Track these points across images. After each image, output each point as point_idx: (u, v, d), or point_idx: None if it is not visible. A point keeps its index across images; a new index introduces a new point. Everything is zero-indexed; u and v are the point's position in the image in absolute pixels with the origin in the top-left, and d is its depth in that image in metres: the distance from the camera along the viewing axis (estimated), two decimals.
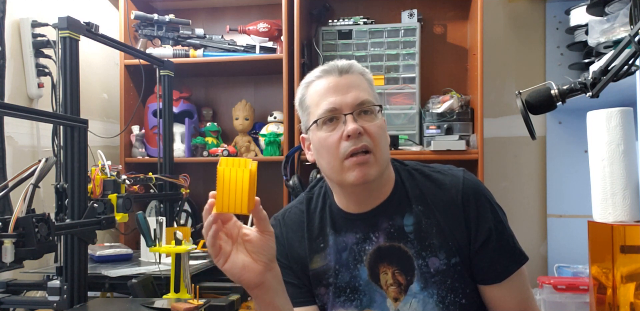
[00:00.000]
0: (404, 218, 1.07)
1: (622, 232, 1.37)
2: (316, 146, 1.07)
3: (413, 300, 1.05)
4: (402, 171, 1.13)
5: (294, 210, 1.18)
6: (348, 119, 1.01)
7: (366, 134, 1.01)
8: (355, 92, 1.03)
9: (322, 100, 1.04)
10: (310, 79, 1.09)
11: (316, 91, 1.06)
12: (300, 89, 1.11)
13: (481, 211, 1.05)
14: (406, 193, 1.09)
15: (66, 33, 1.46)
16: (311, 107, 1.07)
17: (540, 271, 2.33)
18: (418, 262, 1.05)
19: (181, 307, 1.23)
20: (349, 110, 1.02)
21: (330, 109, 1.03)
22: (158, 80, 2.09)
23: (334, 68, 1.06)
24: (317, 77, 1.08)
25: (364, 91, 1.05)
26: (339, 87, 1.04)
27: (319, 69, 1.09)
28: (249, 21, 2.44)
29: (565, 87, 1.01)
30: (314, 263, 1.12)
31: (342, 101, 1.02)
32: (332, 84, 1.04)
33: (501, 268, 1.05)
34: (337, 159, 1.02)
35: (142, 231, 1.48)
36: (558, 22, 2.38)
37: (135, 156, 2.37)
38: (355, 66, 1.08)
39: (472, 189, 1.07)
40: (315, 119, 1.05)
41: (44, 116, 1.33)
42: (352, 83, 1.04)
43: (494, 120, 2.42)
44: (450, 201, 1.06)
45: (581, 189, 2.21)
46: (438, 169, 1.13)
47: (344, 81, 1.04)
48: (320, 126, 1.04)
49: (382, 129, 1.05)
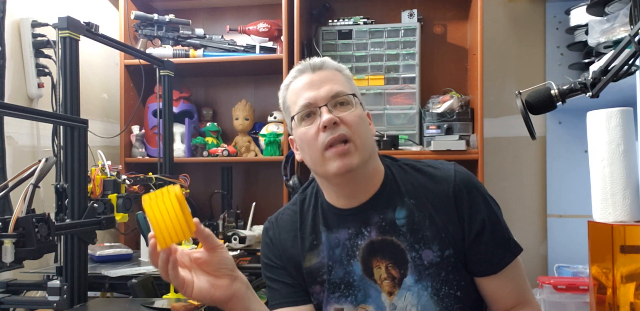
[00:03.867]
0: (396, 212, 1.08)
1: (622, 232, 1.37)
2: (299, 143, 1.09)
3: (407, 293, 1.06)
4: (392, 166, 1.14)
5: (287, 211, 1.20)
6: (323, 111, 1.03)
7: (343, 123, 1.03)
8: (329, 86, 1.05)
9: (298, 97, 1.07)
10: (288, 81, 1.12)
11: (293, 90, 1.09)
12: (280, 92, 1.14)
13: (474, 203, 1.06)
14: (397, 186, 1.10)
15: (66, 33, 1.46)
16: (291, 107, 1.09)
17: (540, 271, 2.33)
18: (411, 255, 1.06)
19: (181, 307, 1.23)
20: (323, 102, 1.04)
21: (306, 105, 1.05)
22: (158, 80, 2.09)
23: (307, 66, 1.09)
24: (293, 77, 1.11)
25: (338, 84, 1.07)
26: (313, 83, 1.06)
27: (294, 69, 1.12)
28: (249, 21, 2.44)
29: (565, 87, 1.01)
30: (307, 261, 1.12)
31: (317, 95, 1.05)
32: (307, 81, 1.07)
33: (496, 259, 1.05)
34: (317, 151, 1.03)
35: (142, 231, 1.48)
36: (558, 22, 2.38)
37: (135, 156, 2.37)
38: (328, 62, 1.10)
39: (464, 182, 1.07)
40: (293, 117, 1.07)
41: (44, 116, 1.33)
42: (325, 78, 1.07)
43: (494, 120, 2.42)
44: (442, 193, 1.07)
45: (581, 189, 2.21)
46: (429, 163, 1.14)
47: (317, 77, 1.07)
48: (299, 122, 1.06)
49: (360, 118, 1.06)
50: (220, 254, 0.88)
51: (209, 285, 0.87)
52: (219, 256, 0.88)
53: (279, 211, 1.22)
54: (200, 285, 0.86)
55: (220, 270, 0.87)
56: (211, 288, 0.87)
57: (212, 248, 0.87)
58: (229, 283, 0.88)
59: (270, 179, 2.47)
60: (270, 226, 1.19)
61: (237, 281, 0.90)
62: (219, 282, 0.87)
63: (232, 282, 0.89)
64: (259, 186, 2.57)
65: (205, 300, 0.87)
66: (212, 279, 0.87)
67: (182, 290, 0.86)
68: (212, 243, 0.87)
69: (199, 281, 0.87)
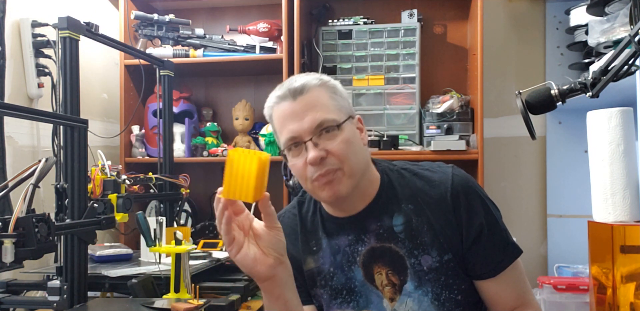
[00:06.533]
0: (393, 218, 1.08)
1: (622, 232, 1.37)
2: (290, 168, 1.09)
3: (408, 300, 1.06)
4: (390, 171, 1.13)
5: (287, 214, 1.20)
6: (309, 147, 1.01)
7: (330, 155, 1.01)
8: (311, 115, 1.01)
9: (282, 128, 1.04)
10: (271, 102, 1.08)
11: (277, 118, 1.06)
12: (266, 110, 1.10)
13: (471, 206, 1.05)
14: (395, 193, 1.09)
15: (66, 33, 1.46)
16: (277, 133, 1.08)
17: (540, 271, 2.33)
18: (410, 261, 1.06)
19: (181, 307, 1.23)
20: (308, 136, 1.01)
21: (290, 138, 1.03)
22: (158, 80, 2.09)
23: (286, 93, 1.04)
24: (274, 103, 1.06)
25: (322, 110, 1.02)
26: (296, 113, 1.02)
27: (275, 95, 1.06)
28: (249, 21, 2.44)
29: (565, 87, 1.01)
30: (307, 264, 1.13)
31: (300, 128, 1.01)
32: (288, 112, 1.03)
33: (495, 262, 1.05)
34: (307, 181, 1.04)
35: (142, 231, 1.48)
36: (558, 22, 2.38)
37: (135, 156, 2.37)
38: (308, 84, 1.03)
39: (461, 185, 1.07)
40: (282, 148, 1.07)
41: (44, 116, 1.33)
42: (307, 105, 1.02)
43: (494, 120, 2.42)
44: (439, 197, 1.06)
45: (581, 189, 2.20)
46: (427, 166, 1.13)
47: (298, 106, 1.02)
48: (288, 153, 1.06)
49: (348, 142, 1.02)
50: (276, 236, 0.89)
51: (254, 257, 0.88)
52: (274, 237, 0.89)
53: (279, 214, 1.21)
54: (248, 252, 0.88)
55: (271, 249, 0.89)
56: (255, 261, 0.88)
57: (270, 226, 0.89)
58: (273, 264, 0.89)
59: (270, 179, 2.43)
60: None
61: (282, 265, 0.91)
62: (265, 259, 0.88)
63: (277, 265, 0.89)
64: None
65: (246, 268, 0.89)
66: (260, 253, 0.88)
67: (228, 247, 0.87)
68: (271, 222, 0.89)
69: (248, 248, 0.88)
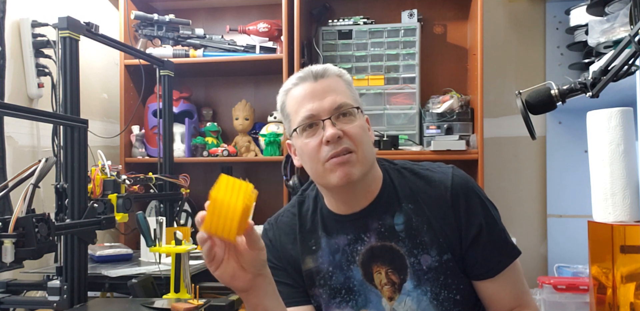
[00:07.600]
0: (394, 217, 1.08)
1: (622, 232, 1.37)
2: (299, 152, 1.08)
3: (407, 298, 1.06)
4: (391, 170, 1.13)
5: (286, 213, 1.20)
6: (326, 125, 1.02)
7: (346, 136, 1.02)
8: (332, 97, 1.03)
9: (300, 107, 1.05)
10: (288, 86, 1.09)
11: (294, 98, 1.07)
12: (279, 96, 1.12)
13: (470, 207, 1.06)
14: (395, 192, 1.10)
15: (66, 33, 1.46)
16: (291, 115, 1.07)
17: (540, 271, 2.33)
18: (410, 260, 1.06)
19: (181, 307, 1.23)
20: (326, 115, 1.02)
21: (309, 116, 1.03)
22: (158, 80, 2.09)
23: (309, 74, 1.06)
24: (294, 84, 1.08)
25: (341, 94, 1.05)
26: (316, 93, 1.04)
27: (295, 76, 1.09)
28: (249, 21, 2.44)
29: (565, 87, 1.01)
30: (306, 264, 1.13)
31: (320, 107, 1.03)
32: (309, 91, 1.05)
33: (494, 262, 1.05)
34: (319, 163, 1.03)
35: (142, 231, 1.48)
36: (558, 22, 2.38)
37: (135, 156, 2.37)
38: (330, 69, 1.07)
39: (461, 185, 1.07)
40: (295, 126, 1.06)
41: (44, 116, 1.33)
42: (328, 87, 1.05)
43: (494, 120, 2.42)
44: (439, 197, 1.07)
45: (581, 189, 2.21)
46: (427, 166, 1.14)
47: (319, 86, 1.05)
48: (301, 133, 1.05)
49: (363, 129, 1.05)
50: (256, 255, 0.88)
51: (232, 272, 0.87)
52: (254, 256, 0.88)
53: (278, 213, 1.22)
54: (227, 268, 0.87)
55: (250, 266, 0.88)
56: (233, 277, 0.87)
57: (252, 247, 0.87)
58: (251, 278, 0.88)
59: (270, 179, 2.46)
60: (270, 228, 1.19)
61: (261, 277, 0.90)
62: (243, 275, 0.88)
63: (255, 278, 0.89)
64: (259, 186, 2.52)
65: (223, 282, 0.88)
66: (238, 269, 0.87)
67: (208, 263, 0.87)
68: (254, 244, 0.87)
69: (227, 264, 0.87)
